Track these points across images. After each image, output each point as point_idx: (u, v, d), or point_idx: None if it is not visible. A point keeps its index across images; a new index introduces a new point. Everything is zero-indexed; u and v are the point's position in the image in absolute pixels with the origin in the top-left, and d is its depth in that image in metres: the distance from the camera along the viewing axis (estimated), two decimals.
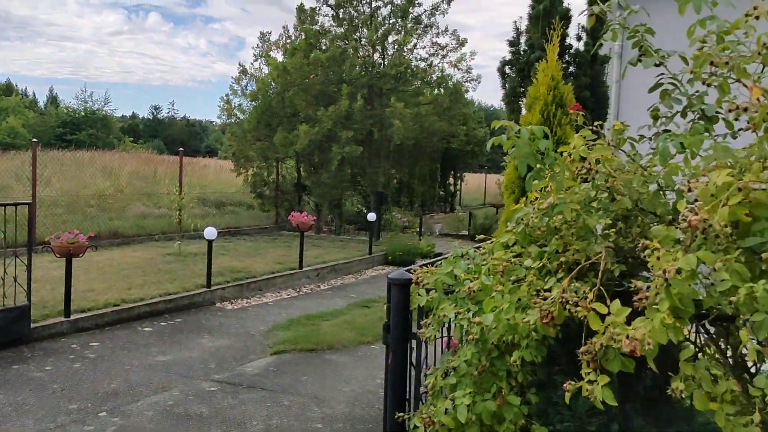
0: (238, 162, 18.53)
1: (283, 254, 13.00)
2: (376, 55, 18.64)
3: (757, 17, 2.18)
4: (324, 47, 17.75)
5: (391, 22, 18.55)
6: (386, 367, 3.30)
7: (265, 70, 19.02)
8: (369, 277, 12.84)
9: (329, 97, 17.16)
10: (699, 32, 2.35)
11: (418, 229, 18.50)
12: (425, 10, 19.22)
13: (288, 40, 19.27)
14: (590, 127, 2.57)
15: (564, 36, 10.10)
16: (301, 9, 18.52)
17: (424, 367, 3.23)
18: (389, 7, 18.61)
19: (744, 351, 1.85)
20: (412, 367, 3.28)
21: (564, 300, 2.23)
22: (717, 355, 2.43)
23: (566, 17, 10.36)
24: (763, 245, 1.85)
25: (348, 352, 7.13)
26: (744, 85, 2.26)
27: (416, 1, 18.70)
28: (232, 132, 18.62)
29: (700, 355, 2.52)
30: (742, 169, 2.07)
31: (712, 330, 2.40)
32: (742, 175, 1.96)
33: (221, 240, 14.08)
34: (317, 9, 18.62)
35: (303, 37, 17.83)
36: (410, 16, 18.72)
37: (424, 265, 3.12)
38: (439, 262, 3.01)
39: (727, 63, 2.24)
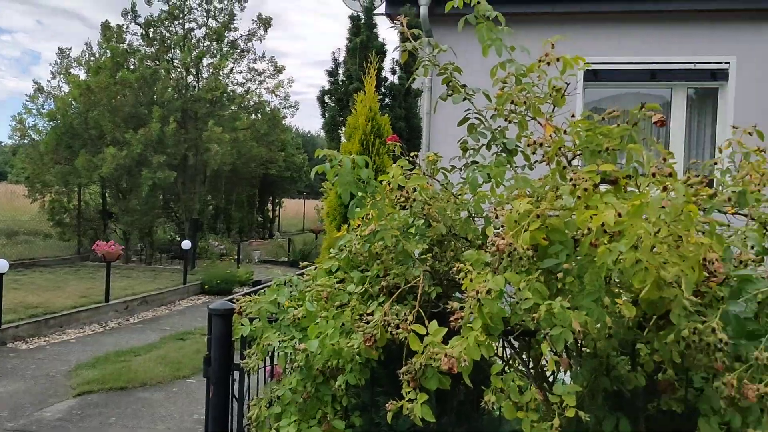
0: (33, 187, 16.90)
1: (88, 287, 11.99)
2: (191, 78, 18.09)
3: (548, 63, 2.46)
4: (133, 67, 16.86)
5: (205, 44, 18.13)
6: (207, 401, 3.17)
7: (66, 88, 17.63)
8: (184, 307, 12.27)
9: (140, 119, 16.28)
10: (500, 73, 2.58)
11: (236, 257, 18.06)
12: (242, 35, 19.09)
13: (92, 58, 18.06)
14: (407, 157, 2.71)
15: (380, 69, 10.53)
16: (106, 26, 17.45)
17: (248, 398, 3.15)
18: (204, 29, 18.20)
19: (544, 362, 2.03)
20: (234, 400, 3.18)
21: (386, 323, 2.31)
22: (521, 367, 2.65)
23: (382, 51, 10.81)
24: (558, 266, 2.07)
25: (163, 388, 6.74)
26: (539, 122, 2.52)
27: (232, 26, 18.49)
28: (27, 154, 16.93)
29: (507, 368, 2.72)
30: (539, 197, 2.29)
31: (516, 344, 2.62)
32: (539, 203, 2.17)
33: (13, 273, 12.67)
34: (125, 27, 17.67)
35: (109, 55, 16.78)
36: (226, 40, 18.45)
37: (247, 294, 3.06)
38: (263, 291, 2.97)
39: (524, 102, 2.50)
